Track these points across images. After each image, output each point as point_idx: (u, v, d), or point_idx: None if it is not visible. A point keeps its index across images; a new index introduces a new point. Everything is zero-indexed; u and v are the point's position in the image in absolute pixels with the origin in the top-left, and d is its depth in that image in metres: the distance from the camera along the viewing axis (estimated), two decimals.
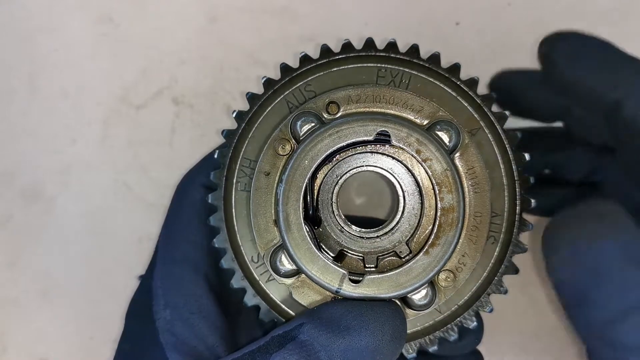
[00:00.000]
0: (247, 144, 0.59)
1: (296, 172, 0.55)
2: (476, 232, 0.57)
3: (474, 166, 0.57)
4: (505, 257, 0.58)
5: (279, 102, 0.59)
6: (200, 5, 0.94)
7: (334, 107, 0.58)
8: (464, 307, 0.58)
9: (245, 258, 0.59)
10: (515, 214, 0.58)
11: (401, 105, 0.58)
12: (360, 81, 0.59)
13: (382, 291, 0.55)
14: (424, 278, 0.55)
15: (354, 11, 0.92)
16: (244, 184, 0.59)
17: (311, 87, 0.59)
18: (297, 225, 0.55)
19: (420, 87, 0.58)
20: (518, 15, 0.92)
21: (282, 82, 0.60)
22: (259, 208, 0.58)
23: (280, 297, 0.59)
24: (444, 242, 0.55)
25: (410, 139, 0.55)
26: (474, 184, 0.57)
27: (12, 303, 0.93)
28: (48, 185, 0.94)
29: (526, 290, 0.88)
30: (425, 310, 0.57)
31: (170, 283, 0.59)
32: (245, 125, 0.60)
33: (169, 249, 0.62)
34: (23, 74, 0.94)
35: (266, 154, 0.58)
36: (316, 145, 0.56)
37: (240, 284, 0.59)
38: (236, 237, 0.59)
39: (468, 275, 0.57)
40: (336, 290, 0.55)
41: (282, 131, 0.58)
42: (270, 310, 0.59)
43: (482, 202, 0.57)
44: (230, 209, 0.59)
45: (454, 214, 0.55)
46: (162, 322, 0.57)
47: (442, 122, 0.57)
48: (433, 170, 0.55)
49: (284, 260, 0.57)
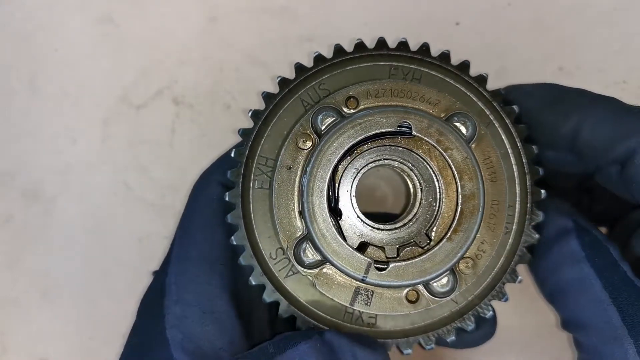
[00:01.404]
0: (264, 142, 0.61)
1: (320, 164, 0.57)
2: (494, 220, 0.59)
3: (490, 156, 0.60)
4: (519, 247, 0.60)
5: (294, 100, 0.61)
6: (200, 5, 0.94)
7: (353, 101, 0.60)
8: (480, 297, 0.60)
9: (263, 254, 0.60)
10: (527, 205, 0.60)
11: (419, 99, 0.60)
12: (373, 78, 0.61)
13: (407, 278, 0.57)
14: (447, 264, 0.57)
15: (353, 11, 0.92)
16: (261, 182, 0.60)
17: (325, 85, 0.61)
18: (322, 216, 0.57)
19: (432, 84, 0.61)
20: (518, 15, 0.92)
21: (297, 81, 0.61)
22: (281, 201, 0.59)
23: (299, 293, 0.60)
24: (466, 229, 0.57)
25: (431, 130, 0.57)
26: (491, 173, 0.60)
27: (12, 303, 0.93)
28: (48, 185, 0.94)
29: (526, 290, 0.88)
30: (447, 297, 0.58)
31: (185, 280, 0.59)
32: (261, 124, 0.61)
33: (184, 246, 0.62)
34: (23, 74, 0.94)
35: (287, 149, 0.60)
36: (339, 137, 0.58)
37: (259, 281, 0.60)
38: (254, 234, 0.60)
39: (487, 262, 0.59)
40: (362, 278, 0.57)
41: (302, 126, 0.60)
42: (290, 305, 0.60)
43: (499, 191, 0.60)
44: (248, 206, 0.60)
45: (475, 201, 0.57)
46: (171, 318, 0.57)
47: (459, 114, 0.59)
48: (453, 159, 0.57)
49: (308, 252, 0.58)
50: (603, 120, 0.59)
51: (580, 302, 0.56)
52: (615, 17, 0.92)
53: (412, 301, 0.58)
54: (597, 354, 0.55)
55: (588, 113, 0.60)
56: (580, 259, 0.57)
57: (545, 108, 0.63)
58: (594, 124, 0.59)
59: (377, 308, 0.58)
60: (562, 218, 0.61)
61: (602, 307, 0.54)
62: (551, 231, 0.60)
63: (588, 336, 0.56)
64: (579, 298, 0.56)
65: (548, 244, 0.60)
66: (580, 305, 0.57)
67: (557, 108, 0.62)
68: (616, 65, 0.93)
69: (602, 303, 0.54)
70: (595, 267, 0.56)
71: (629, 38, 0.93)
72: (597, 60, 0.93)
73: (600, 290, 0.55)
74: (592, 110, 0.60)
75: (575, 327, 0.58)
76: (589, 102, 0.61)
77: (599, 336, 0.54)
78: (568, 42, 0.93)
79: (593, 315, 0.55)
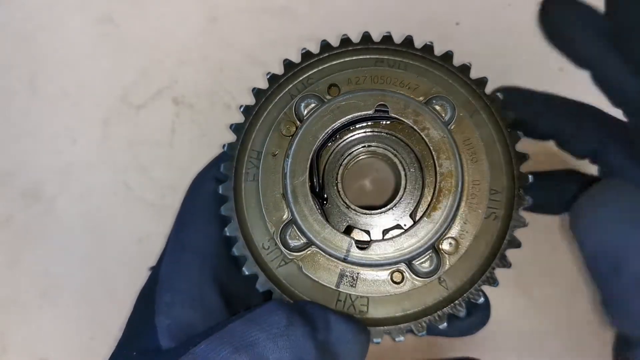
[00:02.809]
0: (255, 136, 0.62)
1: (301, 147, 0.59)
2: (475, 200, 0.60)
3: (470, 137, 0.61)
4: (507, 232, 0.60)
5: (283, 95, 0.63)
6: (200, 5, 0.94)
7: (334, 89, 0.62)
8: (470, 283, 0.60)
9: (256, 245, 0.61)
10: (514, 190, 0.61)
11: (398, 85, 0.62)
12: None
13: (389, 256, 0.57)
14: (428, 241, 0.58)
15: (353, 11, 0.92)
16: (252, 175, 0.62)
17: (312, 79, 0.63)
18: (303, 197, 0.58)
19: (417, 73, 0.63)
20: (518, 15, 0.92)
21: (286, 76, 0.64)
22: (268, 187, 0.61)
23: (292, 282, 0.61)
24: (444, 206, 0.58)
25: (407, 111, 0.59)
26: (471, 153, 0.61)
27: (12, 303, 0.93)
28: (48, 185, 0.94)
29: (526, 290, 0.88)
30: (431, 277, 0.59)
31: (176, 269, 0.60)
32: (252, 118, 0.63)
33: (179, 238, 0.63)
34: (23, 74, 0.94)
35: (272, 137, 0.61)
36: (319, 121, 0.59)
37: (252, 271, 0.60)
38: (247, 225, 0.61)
39: (470, 242, 0.60)
40: (344, 258, 0.58)
41: (286, 114, 0.62)
42: (283, 295, 0.61)
43: (480, 170, 0.61)
44: (240, 198, 0.61)
45: (452, 179, 0.58)
46: (160, 305, 0.57)
47: (437, 98, 0.61)
48: (430, 138, 0.59)
49: (293, 235, 0.60)
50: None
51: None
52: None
53: (397, 282, 0.59)
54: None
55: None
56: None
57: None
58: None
59: (363, 290, 0.59)
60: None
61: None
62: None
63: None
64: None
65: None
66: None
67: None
68: None
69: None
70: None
71: None
72: None
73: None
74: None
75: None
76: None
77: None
78: None
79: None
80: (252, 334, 0.50)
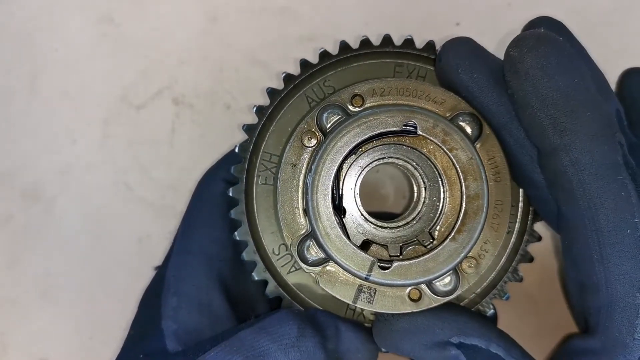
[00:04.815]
0: (268, 138, 0.61)
1: (325, 162, 0.57)
2: (497, 220, 0.59)
3: (495, 156, 0.59)
4: (521, 246, 0.61)
5: (299, 97, 0.61)
6: (200, 5, 0.94)
7: (358, 100, 0.59)
8: (481, 295, 0.61)
9: (266, 250, 0.60)
10: (529, 205, 0.61)
11: (424, 98, 0.59)
12: (378, 75, 0.61)
13: (410, 277, 0.56)
14: (450, 263, 0.56)
15: (354, 11, 0.92)
16: (264, 178, 0.60)
17: (330, 82, 0.61)
18: (326, 214, 0.56)
19: (437, 82, 0.61)
20: (518, 15, 0.91)
21: (302, 77, 0.62)
22: (286, 199, 0.59)
23: (302, 289, 0.60)
24: (469, 229, 0.57)
25: (436, 130, 0.57)
26: (495, 173, 0.59)
27: (12, 303, 0.93)
28: (48, 185, 0.94)
29: (526, 290, 0.88)
30: (449, 296, 0.58)
31: (183, 272, 0.60)
32: (265, 120, 0.61)
33: (186, 240, 0.62)
34: (23, 74, 0.94)
35: (292, 146, 0.59)
36: (345, 135, 0.57)
37: (262, 276, 0.60)
38: (257, 229, 0.60)
39: (490, 262, 0.59)
40: (366, 277, 0.56)
41: (307, 124, 0.59)
42: (292, 301, 0.60)
43: (503, 191, 0.59)
44: (251, 202, 0.60)
45: (479, 201, 0.57)
46: (167, 309, 0.57)
47: (464, 114, 0.58)
48: (458, 159, 0.57)
49: (311, 249, 0.58)
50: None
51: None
52: (615, 17, 0.92)
53: (415, 300, 0.58)
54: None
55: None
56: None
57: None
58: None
59: (380, 306, 0.58)
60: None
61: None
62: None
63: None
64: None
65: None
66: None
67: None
68: (616, 65, 0.93)
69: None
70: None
71: (629, 38, 0.93)
72: (597, 61, 0.93)
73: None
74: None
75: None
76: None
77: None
78: None
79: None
80: (263, 344, 0.49)
